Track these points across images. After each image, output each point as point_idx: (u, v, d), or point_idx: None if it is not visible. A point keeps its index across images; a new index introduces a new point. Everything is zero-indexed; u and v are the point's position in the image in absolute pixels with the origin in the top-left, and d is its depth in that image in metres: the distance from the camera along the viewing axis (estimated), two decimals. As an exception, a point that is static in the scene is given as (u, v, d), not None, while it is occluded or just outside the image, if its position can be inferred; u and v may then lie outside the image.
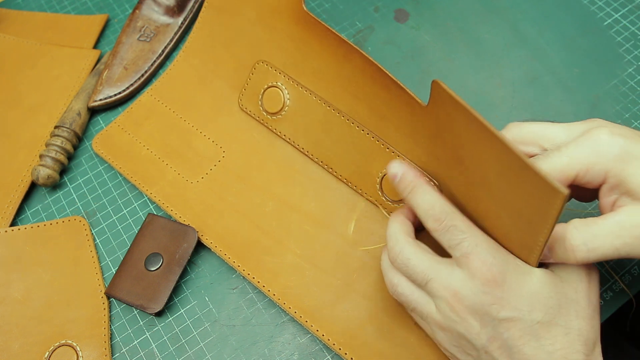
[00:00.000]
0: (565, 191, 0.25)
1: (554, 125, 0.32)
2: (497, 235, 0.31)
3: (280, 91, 0.44)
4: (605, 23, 0.51)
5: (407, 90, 0.35)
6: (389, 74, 0.36)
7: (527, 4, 0.53)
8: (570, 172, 0.30)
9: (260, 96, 0.45)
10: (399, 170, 0.33)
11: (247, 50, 0.46)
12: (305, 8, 0.40)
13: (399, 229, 0.34)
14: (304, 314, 0.38)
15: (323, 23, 0.39)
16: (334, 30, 0.39)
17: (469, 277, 0.30)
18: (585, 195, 0.34)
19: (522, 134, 0.33)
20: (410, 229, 0.34)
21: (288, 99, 0.44)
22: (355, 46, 0.38)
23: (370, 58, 0.37)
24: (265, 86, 0.45)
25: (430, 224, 0.32)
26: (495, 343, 0.30)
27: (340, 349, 0.37)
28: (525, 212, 0.28)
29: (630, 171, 0.29)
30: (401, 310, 0.38)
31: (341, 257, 0.40)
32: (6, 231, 0.42)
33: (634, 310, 0.41)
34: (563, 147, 0.30)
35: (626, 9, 0.51)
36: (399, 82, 0.36)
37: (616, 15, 0.51)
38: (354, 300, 0.39)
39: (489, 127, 0.27)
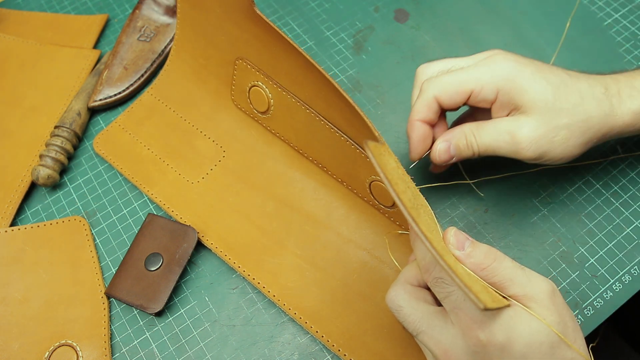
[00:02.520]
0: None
1: (460, 58, 0.38)
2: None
3: (262, 91, 0.43)
4: (605, 23, 0.51)
5: (365, 119, 0.33)
6: (344, 94, 0.34)
7: (527, 4, 0.52)
8: (467, 87, 0.36)
9: (247, 94, 0.44)
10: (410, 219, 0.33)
11: (226, 46, 0.44)
12: (256, 10, 0.38)
13: (401, 275, 0.34)
14: (303, 315, 0.38)
15: (276, 28, 0.37)
16: (287, 37, 0.36)
17: (460, 335, 0.29)
18: (483, 118, 0.38)
19: (432, 73, 0.38)
20: (414, 275, 0.33)
21: (271, 99, 0.43)
22: (310, 59, 0.35)
23: (322, 71, 0.35)
24: (250, 85, 0.44)
25: (423, 275, 0.31)
26: None
27: (339, 350, 0.37)
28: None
29: (517, 89, 0.35)
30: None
31: (341, 258, 0.40)
32: (6, 231, 0.42)
33: (634, 312, 0.41)
34: (464, 68, 0.36)
35: (626, 9, 0.51)
36: (356, 107, 0.33)
37: (616, 15, 0.51)
38: (353, 301, 0.39)
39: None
